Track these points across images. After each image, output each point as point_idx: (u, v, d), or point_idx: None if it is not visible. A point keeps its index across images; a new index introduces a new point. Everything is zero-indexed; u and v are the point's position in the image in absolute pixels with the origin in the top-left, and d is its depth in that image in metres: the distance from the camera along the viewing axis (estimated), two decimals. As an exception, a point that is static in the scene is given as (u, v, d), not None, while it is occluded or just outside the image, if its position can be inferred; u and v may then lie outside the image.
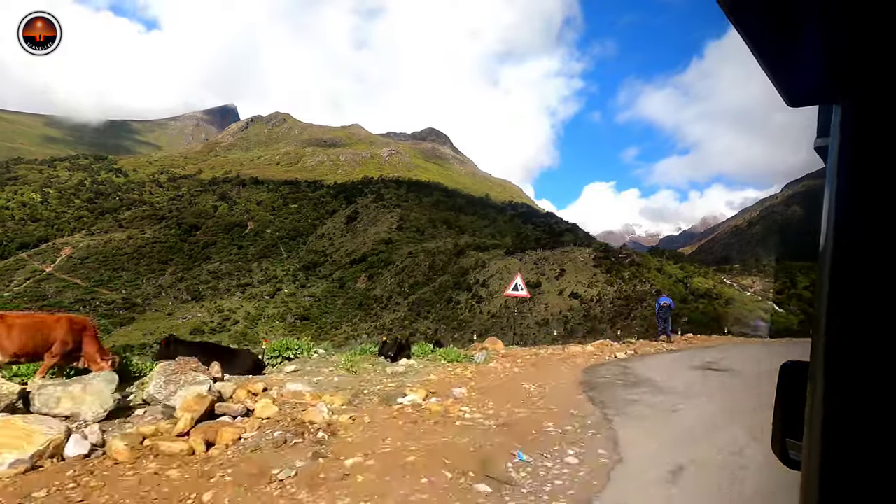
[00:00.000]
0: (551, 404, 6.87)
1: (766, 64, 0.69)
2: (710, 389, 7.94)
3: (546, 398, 7.30)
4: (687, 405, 6.85)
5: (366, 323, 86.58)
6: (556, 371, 9.61)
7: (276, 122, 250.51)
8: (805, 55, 0.66)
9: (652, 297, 73.16)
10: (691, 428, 5.89)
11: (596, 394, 7.56)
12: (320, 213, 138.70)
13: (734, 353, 12.07)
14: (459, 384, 7.90)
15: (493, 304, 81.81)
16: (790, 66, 0.69)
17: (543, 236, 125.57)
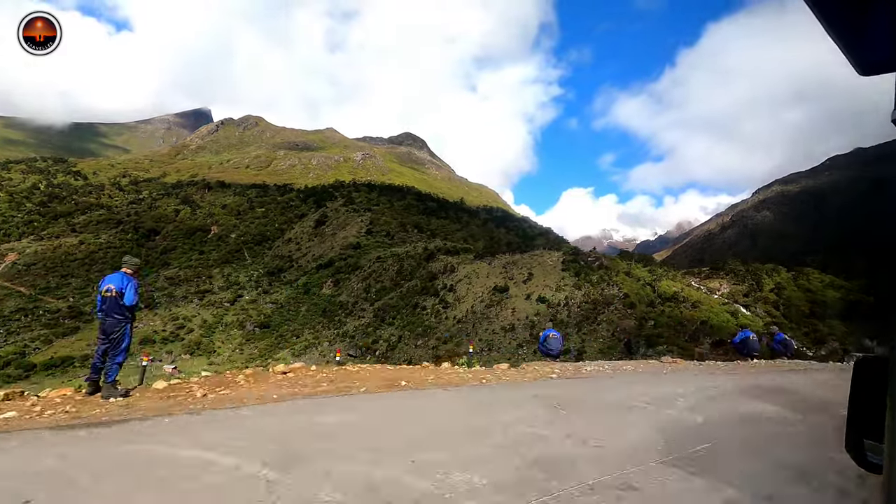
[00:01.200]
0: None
1: (836, 34, 0.65)
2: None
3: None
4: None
5: (329, 330, 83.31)
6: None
7: (248, 126, 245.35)
8: (879, 22, 0.63)
9: (619, 300, 71.87)
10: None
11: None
12: (288, 217, 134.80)
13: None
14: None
15: (460, 309, 79.59)
16: (862, 34, 0.65)
17: (516, 240, 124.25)
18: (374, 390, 7.07)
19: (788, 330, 68.34)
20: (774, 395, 7.49)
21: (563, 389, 7.72)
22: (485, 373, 9.71)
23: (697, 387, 8.21)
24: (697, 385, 8.43)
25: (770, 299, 74.73)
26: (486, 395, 7.27)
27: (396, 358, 69.45)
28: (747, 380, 9.38)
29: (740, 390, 7.91)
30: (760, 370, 11.71)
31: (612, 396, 7.16)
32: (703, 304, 69.55)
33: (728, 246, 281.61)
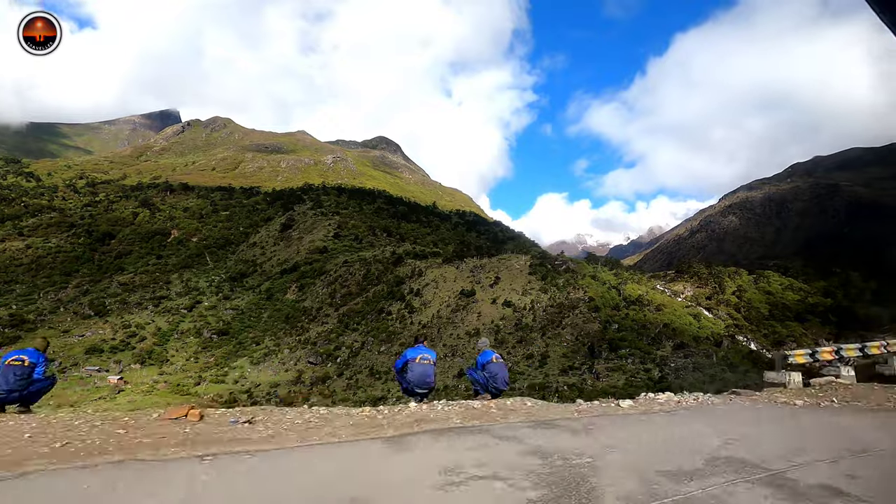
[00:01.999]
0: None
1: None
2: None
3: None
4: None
5: (290, 337, 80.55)
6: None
7: (216, 127, 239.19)
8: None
9: (585, 303, 71.58)
10: None
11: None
12: (254, 220, 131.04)
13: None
14: None
15: (426, 313, 78.03)
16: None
17: (487, 244, 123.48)
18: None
19: (749, 331, 69.30)
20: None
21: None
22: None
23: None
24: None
25: (731, 302, 75.67)
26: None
27: (359, 364, 67.46)
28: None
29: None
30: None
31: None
32: (666, 306, 69.82)
33: (696, 250, 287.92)
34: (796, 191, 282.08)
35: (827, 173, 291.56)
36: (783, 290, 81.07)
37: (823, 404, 8.39)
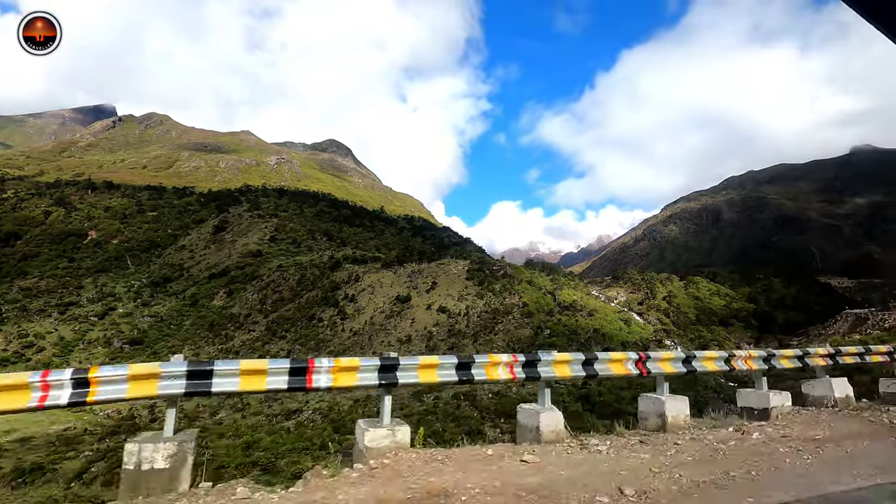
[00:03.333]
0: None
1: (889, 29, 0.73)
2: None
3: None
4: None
5: (212, 346, 75.18)
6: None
7: (152, 124, 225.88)
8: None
9: (519, 309, 70.84)
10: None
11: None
12: (184, 222, 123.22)
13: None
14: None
15: (359, 320, 74.98)
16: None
17: (431, 249, 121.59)
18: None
19: (676, 336, 70.65)
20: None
21: None
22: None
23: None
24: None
25: (662, 307, 77.17)
26: None
27: (281, 375, 63.43)
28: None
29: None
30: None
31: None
32: (598, 312, 70.10)
33: (640, 257, 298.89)
34: (730, 202, 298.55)
35: (757, 187, 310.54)
36: (710, 295, 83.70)
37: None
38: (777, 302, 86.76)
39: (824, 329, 63.80)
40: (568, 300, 72.86)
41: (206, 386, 5.00)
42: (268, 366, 5.33)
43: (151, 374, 4.86)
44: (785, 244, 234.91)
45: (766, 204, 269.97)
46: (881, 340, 46.58)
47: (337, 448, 30.38)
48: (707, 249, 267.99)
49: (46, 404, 4.50)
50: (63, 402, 4.52)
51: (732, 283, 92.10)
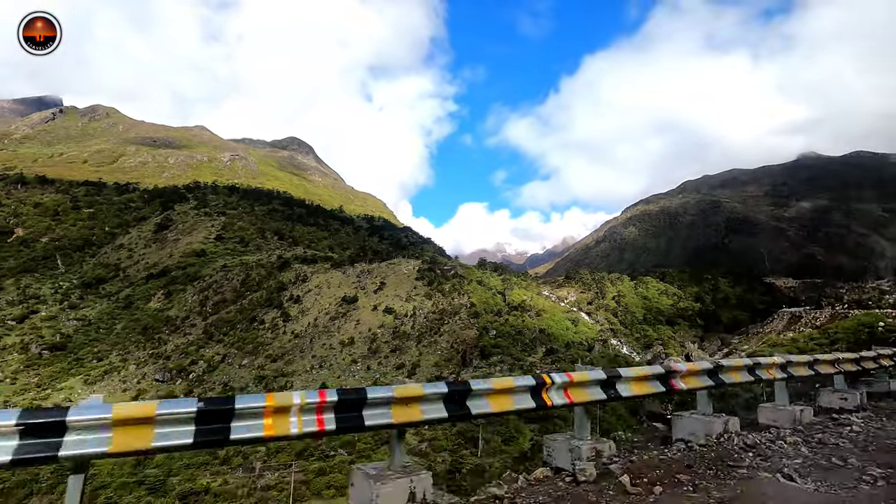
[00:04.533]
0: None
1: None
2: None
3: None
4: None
5: (142, 351, 70.46)
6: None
7: (97, 116, 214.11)
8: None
9: (467, 309, 69.40)
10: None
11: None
12: (124, 219, 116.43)
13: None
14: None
15: (302, 322, 71.88)
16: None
17: (388, 249, 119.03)
18: None
19: (623, 335, 70.84)
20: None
21: None
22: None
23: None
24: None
25: (610, 306, 77.38)
26: None
27: (214, 381, 59.84)
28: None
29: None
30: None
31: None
32: (547, 312, 69.51)
33: (601, 258, 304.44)
34: (686, 205, 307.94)
35: (711, 190, 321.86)
36: (659, 295, 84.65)
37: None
38: (722, 301, 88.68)
39: (762, 327, 65.11)
40: (517, 300, 72.00)
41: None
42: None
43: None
44: (736, 246, 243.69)
45: (720, 207, 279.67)
46: (813, 336, 47.20)
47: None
48: (664, 250, 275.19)
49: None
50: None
51: (681, 282, 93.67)
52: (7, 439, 2.99)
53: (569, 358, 51.02)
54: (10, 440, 2.99)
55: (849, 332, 46.10)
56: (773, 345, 50.32)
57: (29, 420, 3.03)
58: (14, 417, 3.02)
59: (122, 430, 3.20)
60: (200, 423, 3.39)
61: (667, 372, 5.89)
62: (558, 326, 64.47)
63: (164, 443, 3.28)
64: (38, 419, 3.06)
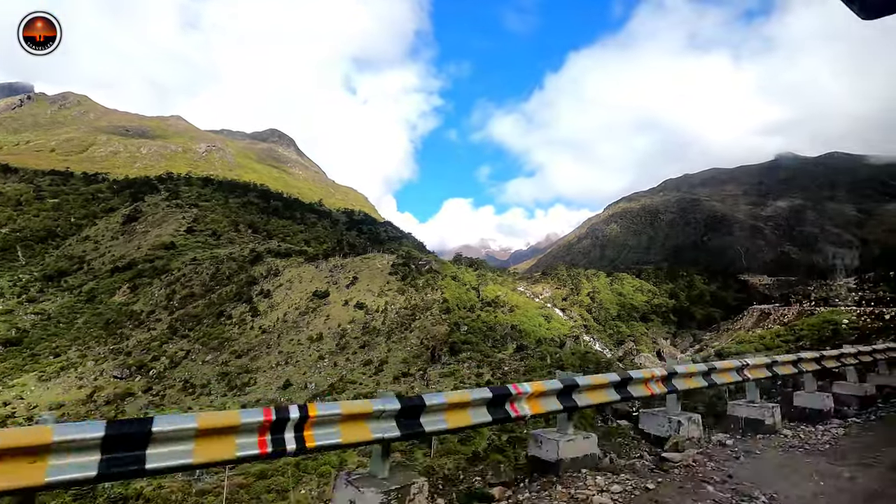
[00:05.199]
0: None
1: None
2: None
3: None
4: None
5: (103, 346, 67.97)
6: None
7: (67, 104, 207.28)
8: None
9: (439, 305, 68.36)
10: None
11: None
12: (91, 210, 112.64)
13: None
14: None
15: (271, 317, 70.09)
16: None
17: (365, 243, 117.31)
18: None
19: (596, 331, 70.60)
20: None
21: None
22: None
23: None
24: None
25: (585, 303, 77.13)
26: None
27: (175, 377, 57.86)
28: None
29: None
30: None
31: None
32: (520, 308, 68.86)
33: (583, 255, 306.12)
34: (666, 203, 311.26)
35: (692, 189, 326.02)
36: (634, 291, 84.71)
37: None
38: (696, 298, 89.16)
39: (732, 324, 65.43)
40: (491, 296, 71.22)
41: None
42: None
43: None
44: (714, 243, 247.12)
45: (699, 205, 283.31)
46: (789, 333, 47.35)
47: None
48: (645, 247, 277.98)
49: None
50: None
51: (656, 279, 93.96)
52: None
53: (538, 354, 50.35)
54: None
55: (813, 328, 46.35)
56: (740, 342, 50.42)
57: None
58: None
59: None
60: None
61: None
62: (531, 323, 63.87)
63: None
64: None
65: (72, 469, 2.74)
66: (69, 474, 2.74)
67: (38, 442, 2.65)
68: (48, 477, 2.65)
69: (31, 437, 2.67)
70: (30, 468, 2.63)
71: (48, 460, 2.68)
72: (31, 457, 2.64)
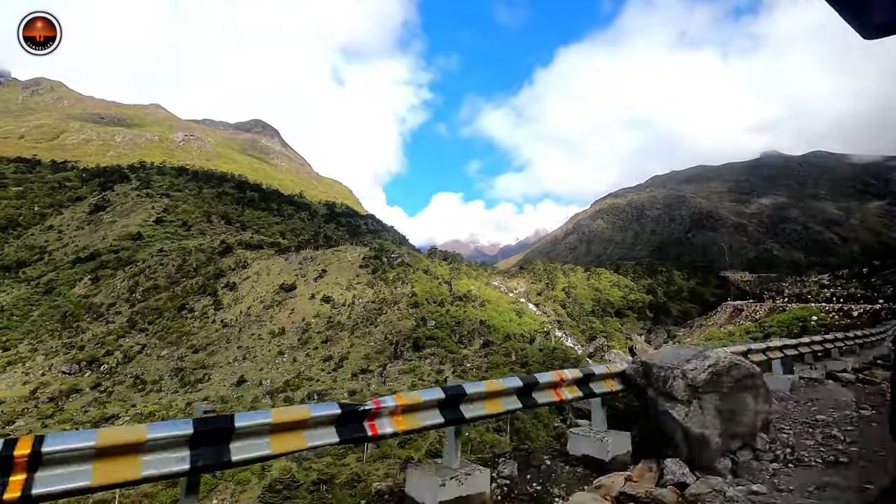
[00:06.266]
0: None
1: (837, 1, 0.70)
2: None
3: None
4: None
5: (57, 340, 65.08)
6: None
7: (40, 90, 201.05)
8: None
9: (408, 299, 66.44)
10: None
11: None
12: (57, 199, 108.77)
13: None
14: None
15: (234, 310, 67.67)
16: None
17: (344, 236, 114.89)
18: None
19: (568, 326, 69.18)
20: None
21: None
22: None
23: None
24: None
25: (559, 298, 75.69)
26: None
27: (126, 373, 55.35)
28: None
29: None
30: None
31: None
32: (492, 302, 67.19)
33: (569, 250, 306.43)
34: (653, 200, 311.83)
35: (678, 186, 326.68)
36: (611, 286, 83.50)
37: None
38: (675, 294, 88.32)
39: (706, 320, 64.43)
40: (463, 290, 69.45)
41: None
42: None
43: None
44: (699, 240, 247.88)
45: (685, 202, 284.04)
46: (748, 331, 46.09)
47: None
48: (630, 243, 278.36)
49: None
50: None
51: (635, 274, 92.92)
52: None
53: (503, 351, 48.70)
54: None
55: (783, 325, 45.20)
56: (708, 338, 49.18)
57: None
58: None
59: None
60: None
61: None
62: (501, 318, 62.21)
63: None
64: None
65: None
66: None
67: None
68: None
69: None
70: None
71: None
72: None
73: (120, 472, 2.55)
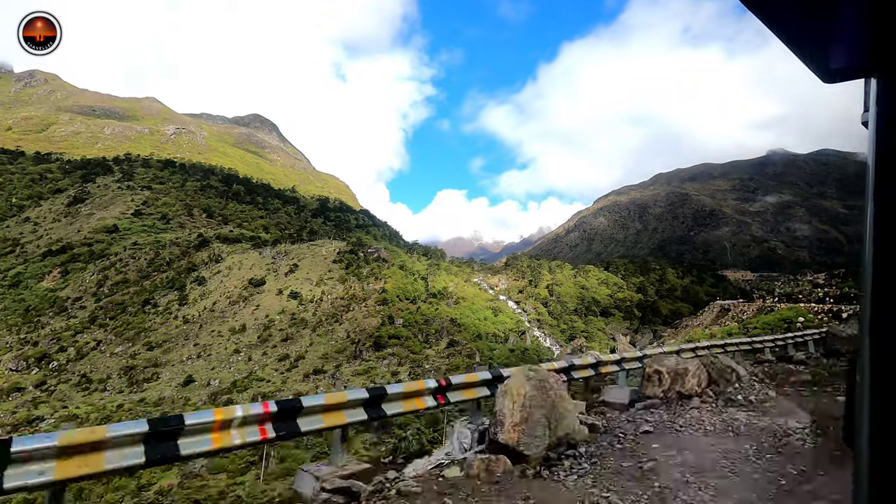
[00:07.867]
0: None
1: (795, 45, 0.70)
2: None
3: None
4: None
5: (14, 335, 62.59)
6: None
7: (33, 83, 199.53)
8: (841, 31, 0.67)
9: (379, 295, 63.39)
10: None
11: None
12: (36, 191, 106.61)
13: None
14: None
15: (198, 306, 64.93)
16: (824, 44, 0.70)
17: (332, 230, 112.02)
18: None
19: (548, 326, 65.81)
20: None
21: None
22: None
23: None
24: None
25: (541, 295, 72.31)
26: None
27: (75, 371, 52.70)
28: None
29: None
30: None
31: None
32: (468, 300, 63.96)
33: (570, 248, 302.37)
34: (656, 197, 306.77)
35: (682, 183, 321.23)
36: (598, 284, 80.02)
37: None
38: (667, 292, 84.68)
39: (692, 320, 60.87)
40: (439, 287, 66.26)
41: None
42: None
43: None
44: (701, 238, 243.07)
45: (688, 200, 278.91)
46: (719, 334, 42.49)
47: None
48: (632, 241, 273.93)
49: None
50: None
51: (626, 272, 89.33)
52: None
53: (467, 351, 45.47)
54: None
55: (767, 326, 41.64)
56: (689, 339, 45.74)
57: None
58: None
59: None
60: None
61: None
62: (475, 316, 58.99)
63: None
64: None
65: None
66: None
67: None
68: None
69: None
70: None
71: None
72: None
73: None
